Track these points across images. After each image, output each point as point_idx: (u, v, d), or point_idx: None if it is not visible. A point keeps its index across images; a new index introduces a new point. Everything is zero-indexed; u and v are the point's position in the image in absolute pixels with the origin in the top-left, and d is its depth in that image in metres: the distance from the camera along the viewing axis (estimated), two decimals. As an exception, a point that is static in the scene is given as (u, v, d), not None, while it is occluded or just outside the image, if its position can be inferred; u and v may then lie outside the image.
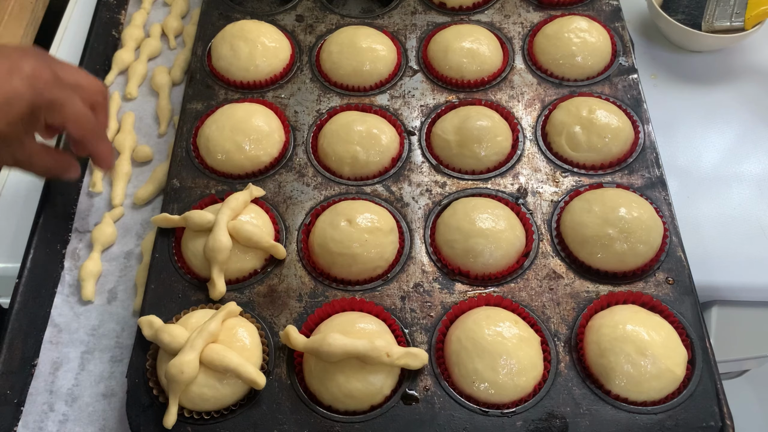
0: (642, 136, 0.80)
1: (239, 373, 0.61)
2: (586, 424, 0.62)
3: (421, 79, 0.87)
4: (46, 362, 0.71)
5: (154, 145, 0.88)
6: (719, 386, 0.64)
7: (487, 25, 0.92)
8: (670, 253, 0.72)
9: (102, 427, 0.68)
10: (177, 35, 0.99)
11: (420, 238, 0.73)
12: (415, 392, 0.64)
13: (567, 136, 0.79)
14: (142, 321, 0.65)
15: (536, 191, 0.77)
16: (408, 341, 0.67)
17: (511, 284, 0.70)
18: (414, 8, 0.94)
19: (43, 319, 0.74)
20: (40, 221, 0.77)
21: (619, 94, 0.84)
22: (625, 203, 0.71)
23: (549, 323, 0.68)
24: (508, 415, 0.62)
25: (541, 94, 0.85)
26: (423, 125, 0.82)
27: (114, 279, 0.77)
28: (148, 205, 0.82)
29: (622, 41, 0.89)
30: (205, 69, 0.87)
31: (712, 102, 0.95)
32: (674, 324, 0.66)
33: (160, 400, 0.63)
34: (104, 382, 0.70)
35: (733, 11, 0.95)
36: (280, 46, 0.87)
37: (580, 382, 0.64)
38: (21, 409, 0.69)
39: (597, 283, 0.70)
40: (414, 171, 0.79)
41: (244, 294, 0.70)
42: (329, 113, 0.83)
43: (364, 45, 0.85)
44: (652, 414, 0.62)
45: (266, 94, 0.85)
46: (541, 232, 0.74)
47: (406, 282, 0.70)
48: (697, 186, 0.87)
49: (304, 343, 0.63)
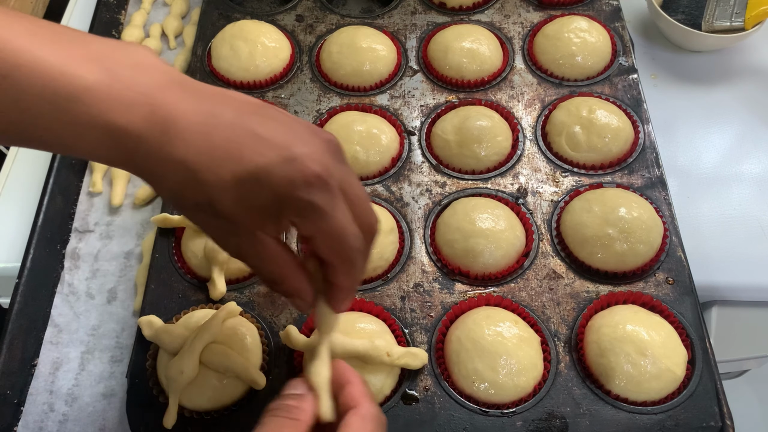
0: (642, 136, 0.80)
1: (239, 373, 0.61)
2: (586, 424, 0.62)
3: (421, 79, 0.87)
4: (46, 362, 0.71)
5: (154, 145, 0.87)
6: (719, 386, 0.64)
7: (487, 25, 0.92)
8: (670, 253, 0.72)
9: (102, 427, 0.68)
10: (177, 35, 0.99)
11: (420, 238, 0.73)
12: (415, 392, 0.64)
13: (567, 136, 0.79)
14: (142, 321, 0.65)
15: (536, 191, 0.77)
16: (408, 341, 0.67)
17: (511, 284, 0.70)
18: (414, 8, 0.94)
19: (43, 319, 0.74)
20: (40, 221, 0.77)
21: (619, 94, 0.84)
22: (625, 203, 0.71)
23: (549, 323, 0.68)
24: (508, 415, 0.62)
25: (541, 94, 0.85)
26: (423, 125, 0.82)
27: (114, 279, 0.77)
28: (148, 205, 0.83)
29: (622, 41, 0.89)
30: (205, 69, 0.87)
31: (712, 102, 0.95)
32: (674, 324, 0.66)
33: (160, 400, 0.63)
34: (104, 382, 0.70)
35: (733, 11, 0.95)
36: (280, 46, 0.87)
37: (580, 382, 0.64)
38: (21, 409, 0.69)
39: (597, 283, 0.70)
40: (414, 171, 0.79)
41: (244, 294, 0.70)
42: (329, 113, 0.83)
43: (364, 45, 0.85)
44: (652, 414, 0.62)
45: (266, 94, 0.85)
46: (541, 232, 0.74)
47: (406, 282, 0.70)
48: (697, 186, 0.87)
49: (304, 343, 0.63)
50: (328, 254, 0.47)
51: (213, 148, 0.42)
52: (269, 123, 0.44)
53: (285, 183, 0.42)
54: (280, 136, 0.43)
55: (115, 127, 0.42)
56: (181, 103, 0.43)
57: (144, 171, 0.44)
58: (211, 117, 0.43)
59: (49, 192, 0.79)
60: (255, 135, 0.43)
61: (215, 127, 0.43)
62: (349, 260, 0.48)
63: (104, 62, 0.42)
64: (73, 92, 0.41)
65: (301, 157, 0.43)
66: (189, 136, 0.42)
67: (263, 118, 0.44)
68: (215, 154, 0.42)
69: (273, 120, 0.44)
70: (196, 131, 0.42)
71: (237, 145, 0.42)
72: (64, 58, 0.41)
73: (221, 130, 0.43)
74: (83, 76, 0.41)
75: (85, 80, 0.41)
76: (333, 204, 0.44)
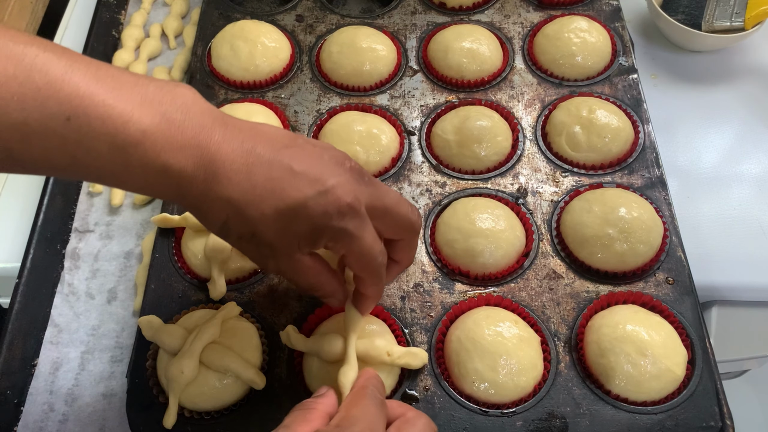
0: (642, 136, 0.80)
1: (239, 373, 0.61)
2: (586, 424, 0.62)
3: (421, 79, 0.87)
4: (46, 362, 0.71)
5: (154, 145, 0.87)
6: (719, 386, 0.64)
7: (487, 25, 0.92)
8: (670, 253, 0.72)
9: (102, 427, 0.68)
10: (177, 35, 0.99)
11: (420, 238, 0.73)
12: (415, 392, 0.64)
13: (567, 136, 0.79)
14: (142, 321, 0.65)
15: (536, 191, 0.77)
16: (408, 341, 0.67)
17: (511, 284, 0.70)
18: (414, 8, 0.94)
19: (43, 319, 0.74)
20: (40, 221, 0.77)
21: (619, 94, 0.84)
22: (625, 203, 0.71)
23: (549, 323, 0.68)
24: (508, 415, 0.62)
25: (541, 94, 0.85)
26: (423, 125, 0.82)
27: (114, 279, 0.77)
28: (148, 205, 0.82)
29: (622, 41, 0.89)
30: (205, 69, 0.87)
31: (712, 102, 0.95)
32: (674, 324, 0.66)
33: (160, 400, 0.63)
34: (104, 382, 0.70)
35: (733, 11, 0.95)
36: (280, 46, 0.87)
37: (580, 382, 0.64)
38: (21, 409, 0.69)
39: (597, 283, 0.70)
40: (414, 171, 0.79)
41: (244, 294, 0.70)
42: (329, 113, 0.83)
43: (364, 45, 0.85)
44: (652, 414, 0.62)
45: (266, 94, 0.85)
46: (541, 232, 0.74)
47: (406, 282, 0.70)
48: (697, 186, 0.87)
49: (304, 343, 0.63)
50: (358, 270, 0.55)
51: (255, 186, 0.47)
52: (301, 156, 0.49)
53: (321, 214, 0.48)
54: (313, 169, 0.48)
55: (168, 168, 0.46)
56: (224, 144, 0.47)
57: (193, 206, 0.50)
58: (251, 156, 0.48)
59: (49, 192, 0.80)
60: (291, 171, 0.48)
61: (255, 166, 0.47)
62: (375, 274, 0.55)
63: (159, 106, 0.46)
64: (133, 136, 0.44)
65: (333, 189, 0.48)
66: (233, 175, 0.47)
67: (295, 151, 0.49)
68: (257, 192, 0.47)
69: (303, 152, 0.50)
70: (238, 170, 0.47)
71: (276, 182, 0.47)
72: (124, 103, 0.44)
73: (261, 168, 0.47)
74: (141, 121, 0.45)
75: (142, 125, 0.45)
76: (362, 228, 0.50)
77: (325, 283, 0.56)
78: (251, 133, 0.49)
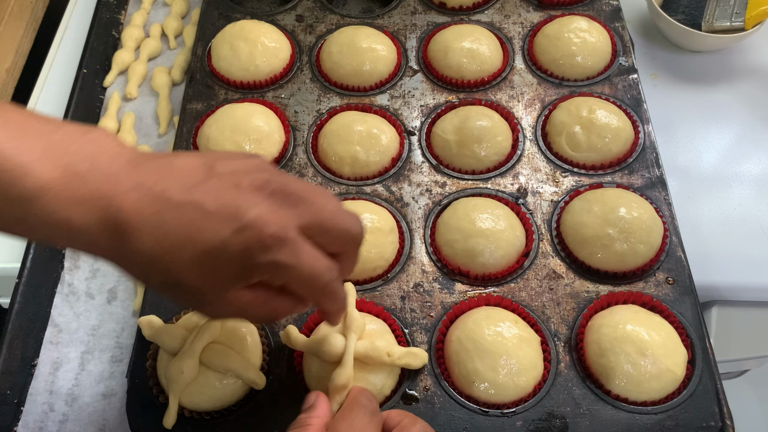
0: (642, 136, 0.80)
1: (239, 373, 0.61)
2: (586, 424, 0.62)
3: (421, 79, 0.87)
4: (46, 362, 0.71)
5: (155, 145, 0.88)
6: (719, 386, 0.64)
7: (487, 25, 0.92)
8: (670, 253, 0.72)
9: (102, 427, 0.68)
10: (177, 35, 0.99)
11: (420, 238, 0.73)
12: (415, 392, 0.64)
13: (567, 136, 0.79)
14: (142, 321, 0.65)
15: (536, 191, 0.77)
16: (408, 341, 0.67)
17: (511, 284, 0.70)
18: (414, 8, 0.94)
19: (43, 319, 0.74)
20: (40, 221, 0.77)
21: (619, 94, 0.84)
22: (625, 203, 0.71)
23: (549, 323, 0.68)
24: (508, 415, 0.62)
25: (541, 94, 0.85)
26: (423, 125, 0.82)
27: (114, 279, 0.77)
28: (148, 205, 0.82)
29: (622, 41, 0.89)
30: (205, 69, 0.87)
31: (712, 102, 0.95)
32: (674, 324, 0.66)
33: (160, 400, 0.63)
34: (104, 382, 0.70)
35: (733, 11, 0.95)
36: (280, 46, 0.87)
37: (580, 382, 0.64)
38: (21, 409, 0.69)
39: (597, 283, 0.70)
40: (414, 171, 0.79)
41: (244, 294, 0.70)
42: (329, 113, 0.83)
43: (364, 45, 0.85)
44: (652, 414, 0.62)
45: (266, 94, 0.85)
46: (541, 232, 0.74)
47: (406, 282, 0.70)
48: (697, 186, 0.87)
49: (304, 343, 0.63)
50: (306, 294, 0.49)
51: (167, 235, 0.43)
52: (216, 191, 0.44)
53: (242, 252, 0.43)
54: (228, 204, 0.44)
55: (72, 223, 0.42)
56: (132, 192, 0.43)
57: (109, 261, 0.46)
58: (160, 201, 0.43)
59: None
60: (203, 211, 0.43)
61: (165, 212, 0.43)
62: (325, 293, 0.49)
63: (63, 157, 0.42)
64: (29, 190, 0.41)
65: (252, 223, 0.43)
66: (143, 226, 0.43)
67: (209, 186, 0.45)
68: (171, 241, 0.43)
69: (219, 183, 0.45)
70: (148, 220, 0.43)
71: (189, 226, 0.43)
72: (24, 154, 0.41)
73: (171, 213, 0.43)
74: (40, 174, 0.41)
75: (42, 179, 0.41)
76: (295, 254, 0.45)
77: (278, 308, 0.50)
78: (164, 172, 0.45)
